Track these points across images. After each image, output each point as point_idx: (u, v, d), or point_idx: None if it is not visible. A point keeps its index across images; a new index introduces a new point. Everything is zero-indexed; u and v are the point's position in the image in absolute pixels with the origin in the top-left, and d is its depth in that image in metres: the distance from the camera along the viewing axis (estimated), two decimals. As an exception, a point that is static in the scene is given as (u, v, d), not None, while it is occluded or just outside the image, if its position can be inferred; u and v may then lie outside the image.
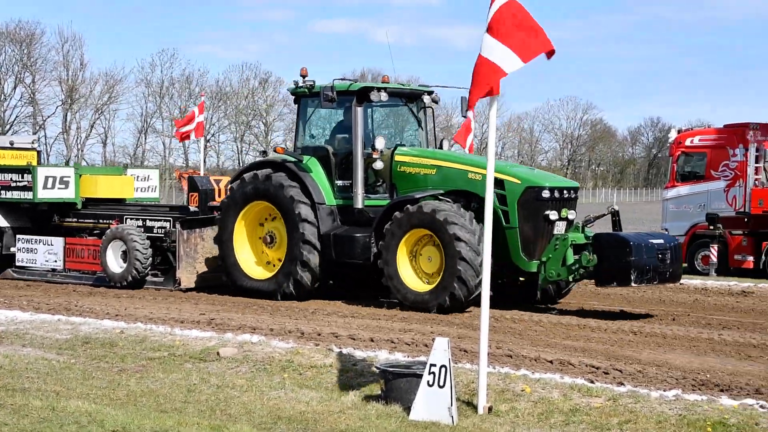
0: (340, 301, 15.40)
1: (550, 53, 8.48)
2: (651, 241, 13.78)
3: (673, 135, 21.80)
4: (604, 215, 15.12)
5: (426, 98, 15.95)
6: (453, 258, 13.60)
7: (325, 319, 13.65)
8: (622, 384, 9.36)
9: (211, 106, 67.99)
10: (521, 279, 14.82)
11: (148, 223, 17.15)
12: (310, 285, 15.12)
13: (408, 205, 14.20)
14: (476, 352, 9.04)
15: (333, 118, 16.24)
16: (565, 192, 14.29)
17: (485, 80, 8.42)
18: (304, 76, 15.59)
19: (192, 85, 71.58)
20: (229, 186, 16.30)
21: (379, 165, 15.05)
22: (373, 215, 14.85)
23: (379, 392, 8.95)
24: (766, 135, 19.76)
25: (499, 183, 13.74)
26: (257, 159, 17.52)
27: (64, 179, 18.21)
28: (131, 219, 17.41)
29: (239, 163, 68.90)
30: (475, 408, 8.63)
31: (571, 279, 14.04)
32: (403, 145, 15.70)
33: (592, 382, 9.44)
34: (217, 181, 17.45)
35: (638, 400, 8.67)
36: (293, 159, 15.46)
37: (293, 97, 16.27)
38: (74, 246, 17.89)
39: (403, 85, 16.09)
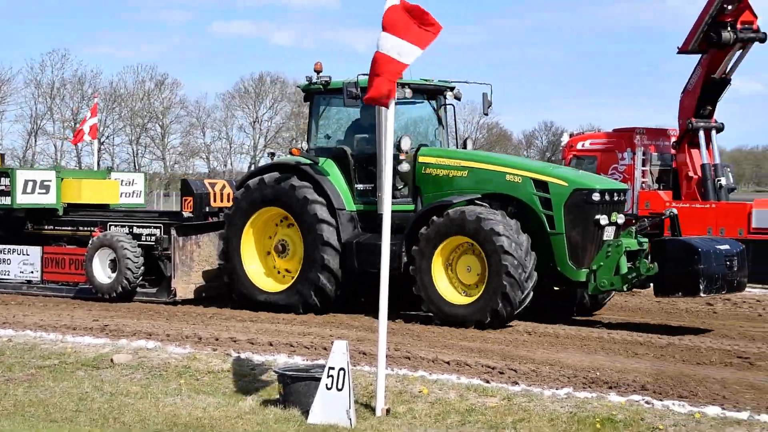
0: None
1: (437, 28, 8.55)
2: (718, 247, 12.79)
3: (565, 139, 22.29)
4: (661, 218, 14.25)
5: (449, 94, 14.98)
6: (498, 272, 12.59)
7: (224, 323, 13.56)
8: (517, 383, 9.55)
9: (105, 108, 66.67)
10: (556, 288, 13.93)
11: (136, 230, 15.85)
12: (333, 293, 13.96)
13: (448, 210, 13.14)
14: (375, 355, 9.12)
15: (349, 116, 15.03)
16: (615, 195, 13.39)
17: (386, 75, 8.48)
18: (318, 72, 14.47)
19: (85, 86, 70.04)
20: (234, 195, 15.07)
21: (405, 167, 13.98)
22: (399, 221, 13.46)
23: (278, 396, 8.95)
24: (652, 139, 20.40)
25: (542, 185, 13.14)
26: (270, 161, 15.57)
27: (45, 183, 16.93)
28: (116, 226, 16.09)
29: (135, 166, 67.67)
30: (373, 410, 8.70)
31: (625, 288, 13.09)
32: (426, 145, 14.66)
33: (487, 382, 9.62)
34: (212, 185, 16.24)
35: (532, 399, 8.86)
36: (308, 161, 14.32)
37: (304, 94, 15.07)
38: (53, 255, 16.57)
39: (426, 80, 14.80)
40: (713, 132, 18.12)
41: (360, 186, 14.25)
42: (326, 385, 8.34)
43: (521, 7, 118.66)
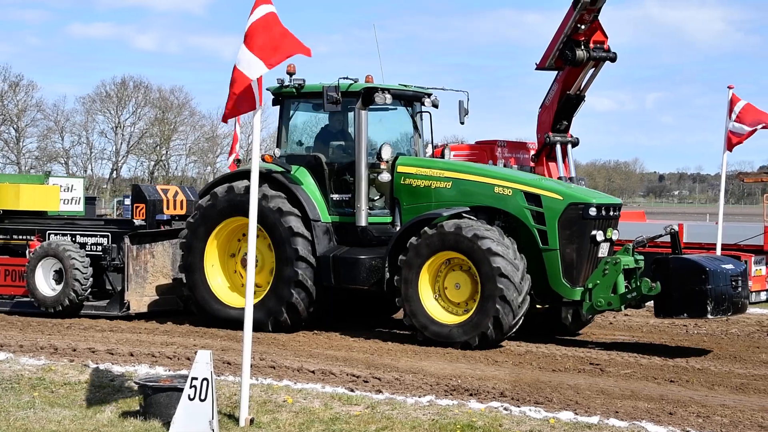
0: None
1: (306, 53, 8.52)
2: (724, 266, 12.17)
3: (430, 150, 22.61)
4: (660, 236, 13.32)
5: (426, 101, 14.17)
6: (492, 296, 11.95)
7: (82, 333, 13.22)
8: (381, 392, 9.66)
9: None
10: (538, 306, 13.31)
11: (80, 239, 14.77)
12: (306, 310, 13.16)
13: (442, 223, 12.39)
14: (239, 364, 9.05)
15: (323, 122, 14.26)
16: (611, 210, 12.77)
17: (237, 90, 8.45)
18: (291, 74, 13.59)
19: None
20: (197, 202, 14.12)
21: (385, 177, 13.19)
22: (377, 233, 13.16)
23: (138, 408, 8.77)
24: (513, 152, 20.99)
25: (534, 198, 12.48)
26: (237, 168, 14.49)
27: None
28: (56, 234, 15.02)
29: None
30: (237, 420, 8.64)
31: (623, 308, 12.48)
32: (403, 154, 13.99)
33: (352, 390, 9.69)
34: (165, 191, 15.22)
35: (395, 407, 8.97)
36: (280, 169, 13.46)
37: (273, 97, 14.06)
38: None
39: (405, 86, 14.05)
40: (569, 146, 18.73)
41: (335, 196, 13.51)
42: (189, 395, 8.23)
43: (389, 20, 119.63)
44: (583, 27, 16.74)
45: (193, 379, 8.26)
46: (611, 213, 12.67)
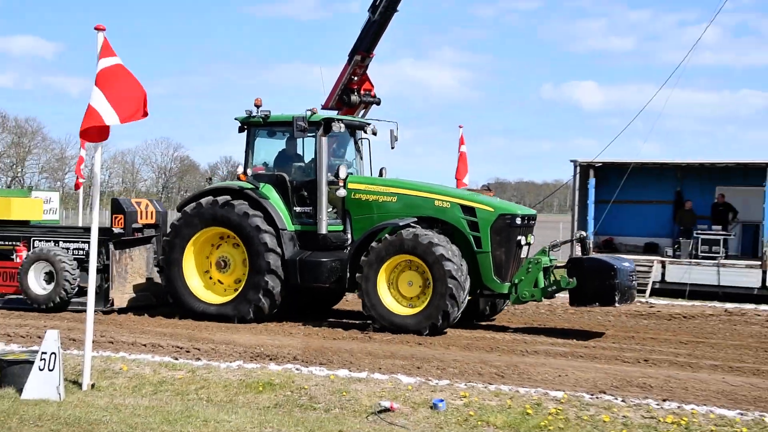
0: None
1: (144, 116, 8.29)
2: (624, 264, 12.06)
3: (240, 170, 22.34)
4: (570, 241, 13.53)
5: (367, 129, 13.57)
6: (443, 294, 11.44)
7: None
8: (200, 359, 9.60)
9: None
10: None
11: (63, 245, 13.68)
12: (269, 311, 12.47)
13: (401, 231, 11.83)
14: (83, 340, 8.68)
15: (282, 146, 13.47)
16: (530, 219, 12.44)
17: (91, 127, 8.12)
18: (258, 106, 12.96)
19: None
20: (182, 210, 13.05)
21: (342, 193, 12.53)
22: (334, 240, 12.64)
23: (-5, 378, 8.25)
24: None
25: (470, 210, 12.10)
26: (210, 185, 13.35)
27: None
28: (40, 241, 13.85)
29: None
30: (80, 386, 8.40)
31: (543, 299, 12.18)
32: (351, 174, 13.29)
33: (176, 359, 9.59)
34: (138, 203, 13.99)
35: (211, 371, 8.94)
36: (249, 186, 12.79)
37: (240, 125, 13.23)
38: None
39: (353, 117, 13.41)
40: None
41: (297, 208, 12.81)
42: (39, 367, 8.01)
43: (206, 67, 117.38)
44: (355, 78, 17.14)
45: (42, 353, 7.97)
46: (530, 222, 12.47)
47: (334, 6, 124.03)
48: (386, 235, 11.94)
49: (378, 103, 17.85)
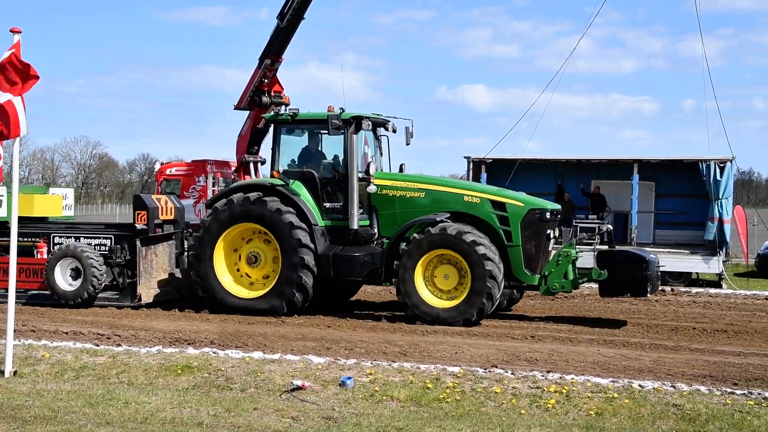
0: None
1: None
2: (652, 256, 11.63)
3: (158, 166, 21.88)
4: (597, 234, 12.74)
5: (388, 126, 12.84)
6: (480, 292, 11.03)
7: None
8: (120, 345, 9.39)
9: None
10: None
11: (84, 241, 12.79)
12: (301, 305, 11.81)
13: (443, 226, 11.28)
14: (4, 330, 8.29)
15: (308, 144, 12.71)
16: (556, 214, 11.98)
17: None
18: (286, 105, 12.41)
19: None
20: (212, 206, 12.30)
21: (372, 188, 11.95)
22: (365, 234, 12.05)
23: None
24: (220, 168, 20.79)
25: (499, 205, 11.64)
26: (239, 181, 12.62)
27: None
28: (60, 237, 12.96)
29: None
30: (2, 373, 8.00)
31: (572, 290, 11.81)
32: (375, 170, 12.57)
33: (97, 345, 9.35)
34: (158, 199, 13.06)
35: (131, 356, 8.74)
36: (280, 182, 12.09)
37: (267, 124, 12.51)
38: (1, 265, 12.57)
39: (378, 115, 12.72)
40: (259, 164, 18.82)
41: (327, 204, 12.17)
42: (-38, 356, 7.45)
43: (121, 69, 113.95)
44: (266, 80, 16.97)
45: (-35, 343, 7.47)
46: (556, 216, 12.06)
47: (243, 13, 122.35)
48: (429, 228, 11.38)
49: (287, 104, 17.76)
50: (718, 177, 17.71)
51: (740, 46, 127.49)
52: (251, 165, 18.96)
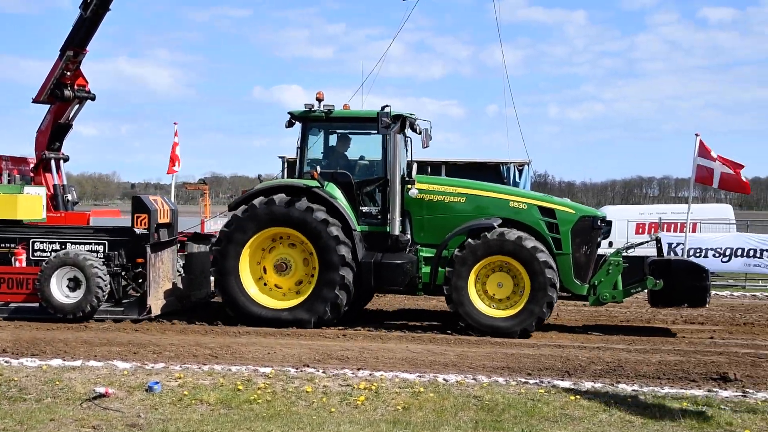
0: None
1: None
2: (707, 266, 11.28)
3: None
4: (647, 242, 12.42)
5: (416, 126, 11.90)
6: (540, 301, 10.52)
7: None
8: None
9: None
10: None
11: (70, 247, 11.41)
12: (343, 309, 10.92)
13: (502, 231, 10.70)
14: None
15: (341, 144, 11.70)
16: (604, 222, 11.39)
17: None
18: (320, 100, 11.19)
19: None
20: (231, 213, 11.15)
21: (415, 192, 11.14)
22: (402, 241, 11.12)
23: None
24: (16, 165, 19.26)
25: (548, 212, 11.06)
26: (264, 182, 11.41)
27: None
28: (42, 242, 11.52)
29: None
30: None
31: (623, 300, 11.26)
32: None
33: None
34: (155, 201, 11.67)
35: None
36: (316, 184, 11.05)
37: (295, 121, 11.39)
38: None
39: (412, 114, 11.71)
40: (61, 161, 17.71)
41: (364, 208, 11.34)
42: None
43: None
44: (68, 73, 16.03)
45: None
46: (603, 224, 11.49)
47: (44, 2, 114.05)
48: (486, 234, 10.81)
49: (93, 99, 16.89)
50: (517, 179, 19.03)
51: (537, 55, 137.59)
52: (52, 162, 17.81)
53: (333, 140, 11.84)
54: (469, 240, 10.85)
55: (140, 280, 11.56)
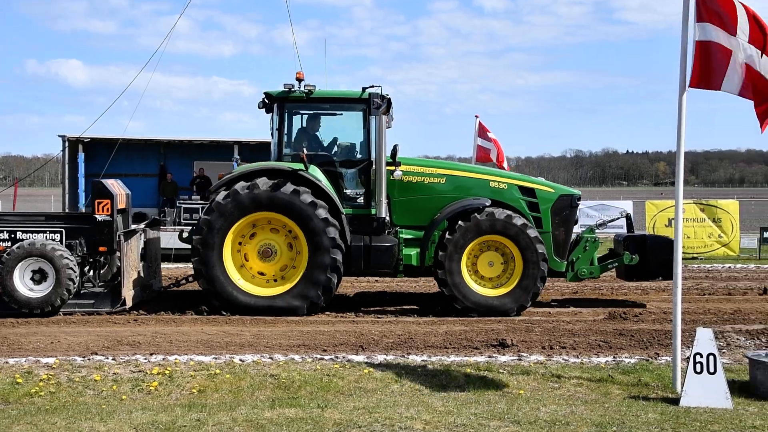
0: None
1: None
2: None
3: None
4: (616, 219, 12.64)
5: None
6: (534, 275, 10.73)
7: None
8: None
9: None
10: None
11: (20, 236, 10.52)
12: (323, 305, 10.74)
13: (492, 211, 10.82)
14: None
15: (321, 126, 11.37)
16: (579, 200, 11.56)
17: None
18: (300, 80, 10.79)
19: None
20: (211, 199, 10.68)
21: (398, 174, 10.94)
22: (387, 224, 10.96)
23: None
24: None
25: (528, 191, 11.29)
26: (243, 166, 10.84)
27: None
28: None
29: None
30: None
31: (600, 275, 11.65)
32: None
33: None
34: (114, 186, 10.88)
35: None
36: (299, 167, 10.67)
37: (271, 102, 10.94)
38: None
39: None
40: None
41: (348, 191, 11.10)
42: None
43: None
44: None
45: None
46: (579, 203, 11.71)
47: None
48: (476, 215, 10.88)
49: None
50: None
51: (326, 37, 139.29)
52: None
53: (312, 121, 11.59)
54: (461, 222, 10.95)
55: (103, 271, 11.20)
